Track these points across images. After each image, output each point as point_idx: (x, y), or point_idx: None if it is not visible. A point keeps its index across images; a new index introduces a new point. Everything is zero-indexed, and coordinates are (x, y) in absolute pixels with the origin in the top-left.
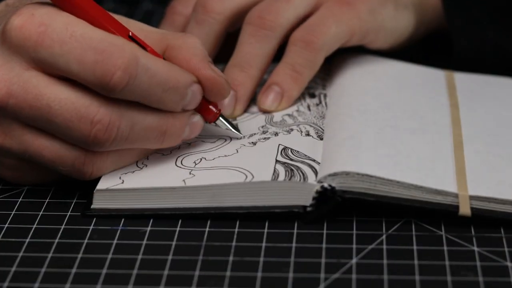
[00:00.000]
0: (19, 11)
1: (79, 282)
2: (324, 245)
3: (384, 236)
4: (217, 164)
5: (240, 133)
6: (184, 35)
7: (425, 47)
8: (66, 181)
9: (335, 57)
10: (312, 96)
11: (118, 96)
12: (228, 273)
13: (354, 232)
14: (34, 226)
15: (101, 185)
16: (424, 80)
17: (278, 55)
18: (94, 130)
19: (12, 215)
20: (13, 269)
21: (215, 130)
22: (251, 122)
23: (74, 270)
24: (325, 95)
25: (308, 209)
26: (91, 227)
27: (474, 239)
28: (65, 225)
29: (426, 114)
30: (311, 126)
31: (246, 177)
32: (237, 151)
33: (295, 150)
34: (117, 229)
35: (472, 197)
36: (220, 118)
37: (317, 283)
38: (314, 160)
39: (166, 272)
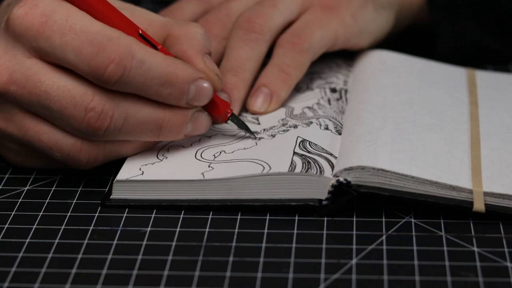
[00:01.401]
0: (23, 1)
1: (79, 282)
2: (324, 246)
3: (384, 237)
4: (236, 157)
5: (253, 134)
6: (187, 24)
7: (403, 42)
8: (66, 170)
9: (357, 54)
10: (333, 91)
11: (113, 88)
12: (228, 274)
13: (354, 232)
14: (34, 226)
15: (120, 176)
16: (445, 77)
17: (265, 61)
18: (87, 117)
19: (12, 215)
20: (13, 269)
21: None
22: (271, 115)
23: (74, 271)
24: (346, 91)
25: (324, 202)
26: (91, 227)
27: (474, 240)
28: (65, 226)
29: (445, 111)
30: (330, 120)
31: (264, 168)
32: (256, 143)
33: (313, 143)
34: (117, 230)
35: (486, 194)
36: (231, 118)
37: (317, 284)
38: (331, 154)
39: (166, 272)
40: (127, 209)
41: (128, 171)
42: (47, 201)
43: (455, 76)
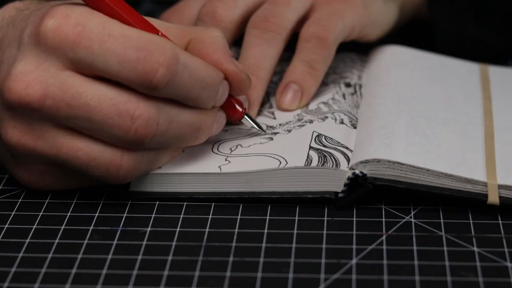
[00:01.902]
0: (52, 12)
1: (79, 282)
2: (324, 246)
3: (384, 237)
4: (253, 151)
5: (265, 132)
6: (206, 28)
7: (404, 36)
8: (94, 187)
9: (371, 49)
10: (348, 85)
11: (159, 94)
12: (228, 274)
13: (354, 232)
14: (34, 226)
15: None
16: (458, 72)
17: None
18: (135, 125)
19: (12, 215)
20: (13, 269)
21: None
22: None
23: (74, 271)
24: (360, 86)
25: (340, 195)
26: (91, 227)
27: (474, 240)
28: (65, 226)
29: (458, 105)
30: (345, 114)
31: (280, 163)
32: (272, 138)
33: (328, 137)
34: (117, 230)
35: (500, 186)
36: (245, 116)
37: (317, 284)
38: (347, 148)
39: (166, 272)
40: (127, 209)
41: None
42: (47, 201)
43: (468, 71)
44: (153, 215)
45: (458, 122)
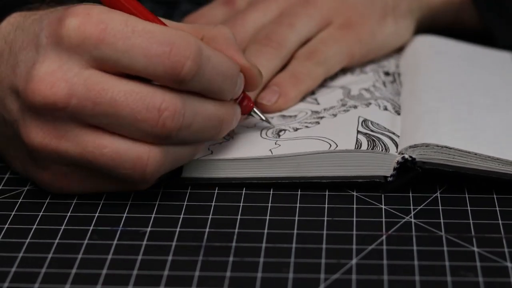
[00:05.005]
0: (73, 11)
1: (79, 282)
2: (324, 246)
3: (384, 237)
4: (301, 135)
5: (272, 124)
6: (217, 26)
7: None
8: (112, 193)
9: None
10: (387, 74)
11: (185, 87)
12: (228, 274)
13: (354, 232)
14: (34, 226)
15: None
16: (492, 60)
17: None
18: (162, 118)
19: (12, 215)
20: (13, 269)
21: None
22: (330, 95)
23: (74, 271)
24: (399, 74)
25: (389, 179)
26: (91, 227)
27: (474, 240)
28: (65, 226)
29: (498, 92)
30: (388, 101)
31: (330, 146)
32: (318, 122)
33: (375, 123)
34: (117, 230)
35: None
36: (254, 109)
37: (317, 284)
38: (393, 133)
39: (166, 272)
40: (127, 209)
41: None
42: (47, 201)
43: (501, 59)
44: (153, 215)
45: (499, 108)
